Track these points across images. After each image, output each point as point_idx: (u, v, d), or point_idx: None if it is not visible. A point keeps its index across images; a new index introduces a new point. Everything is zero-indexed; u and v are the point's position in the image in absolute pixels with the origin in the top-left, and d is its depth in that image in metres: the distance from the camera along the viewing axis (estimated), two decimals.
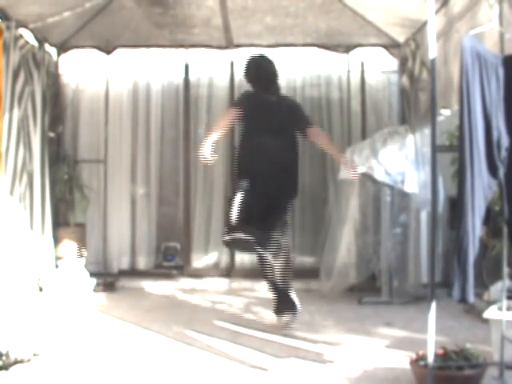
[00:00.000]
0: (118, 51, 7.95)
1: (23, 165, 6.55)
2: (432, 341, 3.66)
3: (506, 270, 4.26)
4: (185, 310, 6.52)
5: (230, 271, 7.99)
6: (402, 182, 6.74)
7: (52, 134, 7.48)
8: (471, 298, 3.62)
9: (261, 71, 5.91)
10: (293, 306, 5.69)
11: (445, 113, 6.19)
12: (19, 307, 5.49)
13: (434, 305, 3.68)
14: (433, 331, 3.67)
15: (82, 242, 7.52)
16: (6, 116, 6.20)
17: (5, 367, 4.25)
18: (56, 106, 7.80)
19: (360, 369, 4.46)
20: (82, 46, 7.95)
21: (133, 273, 8.09)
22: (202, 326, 5.72)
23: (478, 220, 3.62)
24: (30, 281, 6.50)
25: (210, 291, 7.54)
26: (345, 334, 5.50)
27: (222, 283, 7.74)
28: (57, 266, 7.18)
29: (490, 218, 5.75)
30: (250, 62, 5.96)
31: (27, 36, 6.83)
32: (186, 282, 7.80)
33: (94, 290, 7.29)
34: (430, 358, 3.68)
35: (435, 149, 3.88)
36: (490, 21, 4.11)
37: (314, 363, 4.60)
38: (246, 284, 7.66)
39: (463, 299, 3.63)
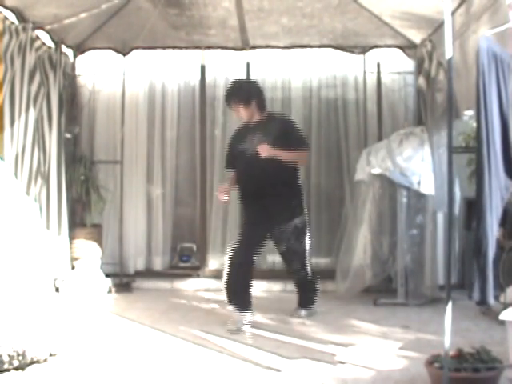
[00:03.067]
0: (135, 52, 7.98)
1: (38, 165, 6.58)
2: (448, 342, 3.65)
3: None
4: (200, 311, 6.53)
5: None
6: (418, 183, 6.72)
7: (68, 135, 7.51)
8: (491, 299, 3.60)
9: None
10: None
11: (468, 114, 6.18)
12: (35, 307, 5.50)
13: (450, 306, 3.67)
14: (449, 333, 3.65)
15: (98, 242, 7.54)
16: (22, 117, 6.24)
17: (21, 367, 4.27)
18: (72, 107, 7.84)
19: (375, 370, 4.45)
20: (99, 48, 7.98)
21: (149, 273, 8.10)
22: (217, 328, 5.72)
23: (495, 221, 3.61)
24: (46, 281, 6.52)
25: None
26: (360, 336, 5.49)
27: None
28: (73, 267, 7.21)
29: (506, 219, 5.74)
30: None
31: (43, 37, 6.87)
32: (201, 283, 7.81)
33: (110, 291, 7.32)
34: (446, 360, 3.66)
35: (451, 150, 3.86)
36: (508, 21, 4.09)
37: (329, 365, 4.59)
38: (262, 285, 7.65)
39: (483, 301, 3.62)
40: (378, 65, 7.99)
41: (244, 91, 6.00)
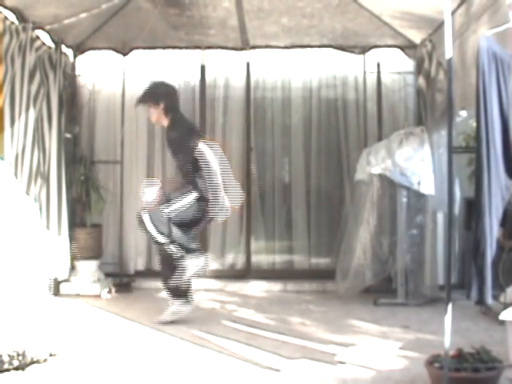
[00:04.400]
0: (134, 52, 7.98)
1: (38, 165, 6.57)
2: (448, 342, 3.65)
3: None
4: (199, 311, 6.52)
5: (245, 272, 7.98)
6: (418, 183, 6.72)
7: (68, 135, 7.50)
8: (489, 299, 3.60)
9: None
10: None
11: (462, 114, 6.18)
12: (35, 307, 5.51)
13: (450, 306, 3.67)
14: (449, 333, 3.65)
15: (98, 242, 7.54)
16: (22, 117, 6.23)
17: (21, 367, 4.27)
18: (72, 107, 7.83)
19: (375, 370, 4.45)
20: (99, 48, 7.98)
21: (149, 273, 8.09)
22: (217, 327, 5.73)
23: (495, 221, 3.61)
24: (45, 281, 6.52)
25: (226, 292, 7.54)
26: (360, 336, 5.49)
27: (238, 284, 7.73)
28: (73, 267, 7.21)
29: (506, 219, 5.75)
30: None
31: (43, 37, 6.87)
32: (201, 283, 7.80)
33: (110, 291, 7.32)
34: (446, 360, 3.66)
35: (451, 150, 3.86)
36: (508, 22, 4.09)
37: (329, 365, 4.59)
38: (262, 285, 7.67)
39: (481, 301, 3.62)
40: (378, 65, 7.99)
41: (154, 93, 6.11)
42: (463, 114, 6.24)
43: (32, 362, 4.37)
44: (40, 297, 6.11)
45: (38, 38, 6.70)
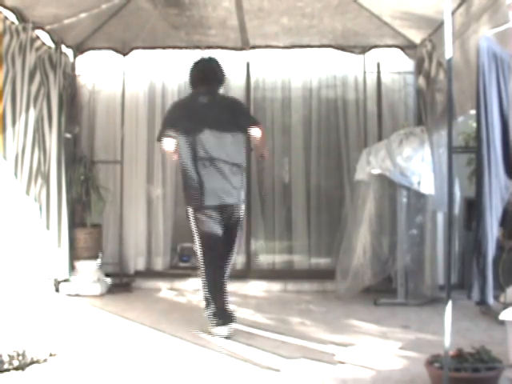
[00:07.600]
0: (134, 52, 7.96)
1: (38, 165, 6.57)
2: (448, 342, 3.65)
3: None
4: (200, 312, 6.51)
5: (245, 272, 7.98)
6: (418, 183, 6.72)
7: (68, 135, 7.49)
8: (490, 299, 3.61)
9: (201, 72, 5.99)
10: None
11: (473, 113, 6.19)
12: (35, 307, 5.51)
13: (450, 306, 3.66)
14: (449, 333, 3.65)
15: (98, 242, 7.54)
16: (23, 117, 6.23)
17: (21, 367, 4.27)
18: (72, 107, 7.83)
19: (375, 370, 4.45)
20: (99, 48, 7.97)
21: (149, 273, 8.09)
22: None
23: (495, 221, 3.61)
24: (45, 281, 6.52)
25: None
26: (360, 335, 5.49)
27: (238, 284, 7.71)
28: (73, 267, 7.21)
29: (505, 219, 5.75)
30: (194, 65, 6.10)
31: (43, 37, 6.87)
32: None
33: (110, 291, 7.32)
34: (446, 360, 3.66)
35: (451, 150, 3.86)
36: (508, 22, 4.09)
37: (329, 365, 4.59)
38: (262, 285, 7.67)
39: (482, 301, 3.62)
40: (378, 65, 7.99)
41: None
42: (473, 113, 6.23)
43: (32, 362, 4.37)
44: (40, 297, 6.12)
45: (38, 37, 6.70)
